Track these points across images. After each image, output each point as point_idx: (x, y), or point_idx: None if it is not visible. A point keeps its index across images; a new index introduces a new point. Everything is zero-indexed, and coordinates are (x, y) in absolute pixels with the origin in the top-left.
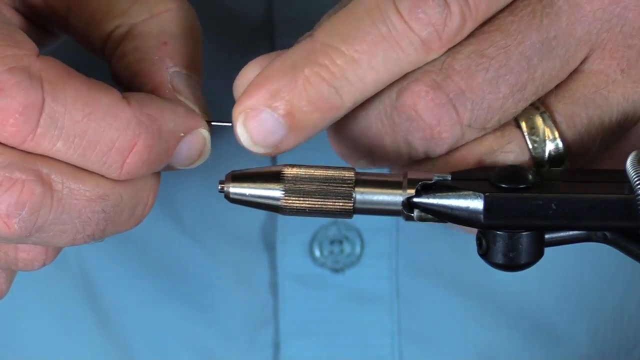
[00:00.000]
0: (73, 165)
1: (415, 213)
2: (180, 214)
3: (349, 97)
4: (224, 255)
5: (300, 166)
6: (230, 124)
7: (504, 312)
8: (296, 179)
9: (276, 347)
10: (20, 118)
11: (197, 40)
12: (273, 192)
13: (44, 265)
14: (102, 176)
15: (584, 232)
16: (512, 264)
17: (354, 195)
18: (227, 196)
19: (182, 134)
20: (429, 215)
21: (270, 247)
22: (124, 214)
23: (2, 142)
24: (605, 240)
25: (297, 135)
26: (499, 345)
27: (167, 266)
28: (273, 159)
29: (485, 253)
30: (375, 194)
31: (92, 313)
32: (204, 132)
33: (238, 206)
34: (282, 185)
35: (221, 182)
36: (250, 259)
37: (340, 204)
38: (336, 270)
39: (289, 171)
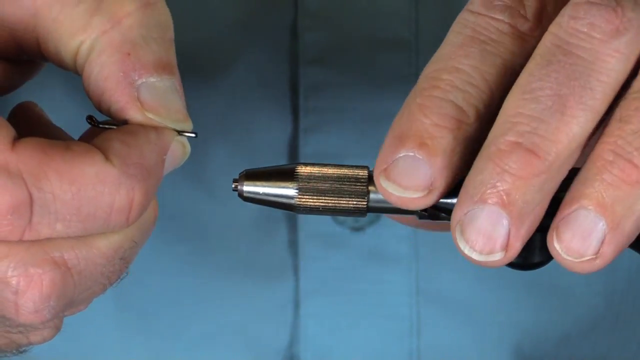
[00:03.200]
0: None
1: (429, 211)
2: (203, 179)
3: (468, 106)
4: (243, 214)
5: (313, 164)
6: (193, 135)
7: (521, 273)
8: (310, 178)
9: (296, 305)
10: (12, 217)
11: (166, 38)
12: (287, 190)
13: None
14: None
15: None
16: (525, 263)
17: (368, 193)
18: (241, 194)
19: (164, 157)
20: (443, 214)
21: None
22: (139, 245)
23: (1, 240)
24: None
25: (438, 163)
26: (516, 305)
27: (185, 230)
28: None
29: None
30: None
31: None
32: (179, 139)
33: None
34: (295, 184)
35: (235, 181)
36: (270, 218)
37: (354, 202)
38: (356, 229)
39: (303, 170)
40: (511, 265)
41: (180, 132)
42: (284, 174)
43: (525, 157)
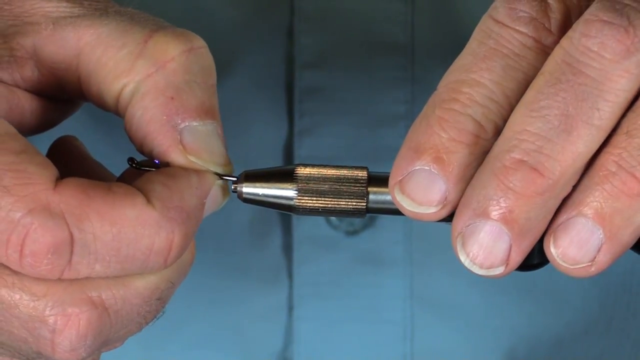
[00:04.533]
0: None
1: None
2: None
3: (487, 122)
4: (238, 217)
5: (313, 165)
6: (234, 179)
7: (515, 277)
8: (309, 179)
9: (290, 308)
10: (52, 257)
11: (209, 83)
12: (286, 191)
13: None
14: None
15: None
16: (524, 264)
17: (367, 194)
18: (240, 196)
19: (204, 201)
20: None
21: None
22: (176, 286)
23: (41, 278)
24: None
25: (453, 178)
26: (509, 309)
27: None
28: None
29: None
30: (389, 193)
31: None
32: (219, 183)
33: None
34: (295, 185)
35: (234, 182)
36: (264, 221)
37: (354, 203)
38: (350, 233)
39: (302, 171)
40: None
41: (221, 177)
42: (284, 175)
43: (530, 176)
